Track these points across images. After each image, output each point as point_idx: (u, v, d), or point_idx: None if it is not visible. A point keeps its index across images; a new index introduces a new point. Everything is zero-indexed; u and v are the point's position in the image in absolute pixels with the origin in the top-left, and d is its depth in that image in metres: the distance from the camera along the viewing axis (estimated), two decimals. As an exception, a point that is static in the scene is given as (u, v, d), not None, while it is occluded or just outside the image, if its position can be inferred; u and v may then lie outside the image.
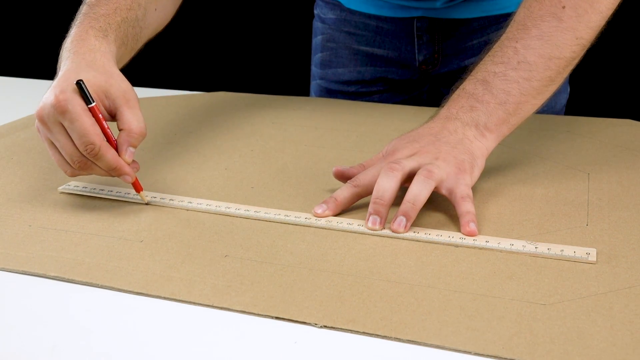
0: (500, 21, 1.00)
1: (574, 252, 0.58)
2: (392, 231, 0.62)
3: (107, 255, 0.59)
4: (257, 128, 0.93)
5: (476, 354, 0.46)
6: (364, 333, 0.48)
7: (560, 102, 1.07)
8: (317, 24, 1.14)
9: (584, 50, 0.71)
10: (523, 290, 0.53)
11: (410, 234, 0.62)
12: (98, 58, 0.68)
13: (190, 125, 0.94)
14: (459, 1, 1.00)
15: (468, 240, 0.61)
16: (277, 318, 0.50)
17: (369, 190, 0.65)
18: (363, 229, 0.63)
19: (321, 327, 0.49)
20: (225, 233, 0.63)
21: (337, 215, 0.66)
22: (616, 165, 0.77)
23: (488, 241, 0.61)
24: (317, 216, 0.65)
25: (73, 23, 0.73)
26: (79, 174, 0.66)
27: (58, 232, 0.63)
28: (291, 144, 0.87)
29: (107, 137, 0.64)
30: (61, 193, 0.72)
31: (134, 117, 0.66)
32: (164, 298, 0.53)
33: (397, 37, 1.05)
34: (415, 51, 1.05)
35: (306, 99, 1.10)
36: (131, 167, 0.66)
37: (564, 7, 0.69)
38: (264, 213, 0.66)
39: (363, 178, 0.67)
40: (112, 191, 0.72)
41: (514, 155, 0.81)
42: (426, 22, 1.02)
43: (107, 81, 0.66)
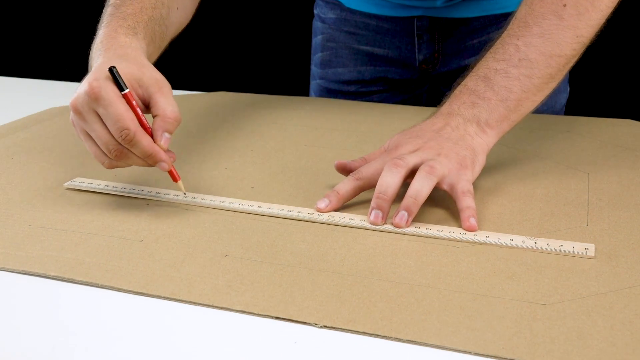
0: (500, 20, 1.00)
1: (573, 247, 0.59)
2: (394, 226, 0.63)
3: (107, 255, 0.59)
4: (257, 128, 0.93)
5: (476, 354, 0.46)
6: (364, 333, 0.48)
7: (560, 102, 1.07)
8: (317, 24, 1.14)
9: (583, 48, 0.72)
10: (523, 290, 0.53)
11: (411, 229, 0.62)
12: (129, 52, 0.68)
13: (190, 125, 0.94)
14: (459, 0, 1.00)
15: (468, 235, 0.61)
16: (277, 318, 0.50)
17: (371, 183, 0.66)
18: (365, 223, 0.63)
19: (321, 327, 0.49)
20: (225, 233, 0.63)
21: (339, 210, 0.67)
22: (616, 165, 0.77)
23: (488, 236, 0.61)
24: (320, 211, 0.66)
25: (99, 25, 0.73)
26: (116, 165, 0.65)
27: (58, 232, 0.63)
28: (291, 144, 0.87)
29: (142, 124, 0.63)
30: (67, 189, 0.72)
31: (168, 103, 0.65)
32: (164, 298, 0.53)
33: (397, 36, 1.05)
34: (416, 50, 1.05)
35: (306, 99, 1.10)
36: (167, 155, 0.65)
37: (565, 5, 0.70)
38: (267, 208, 0.67)
39: (365, 171, 0.67)
40: (117, 187, 0.72)
41: (514, 155, 0.81)
42: (426, 22, 1.02)
43: (140, 70, 0.65)
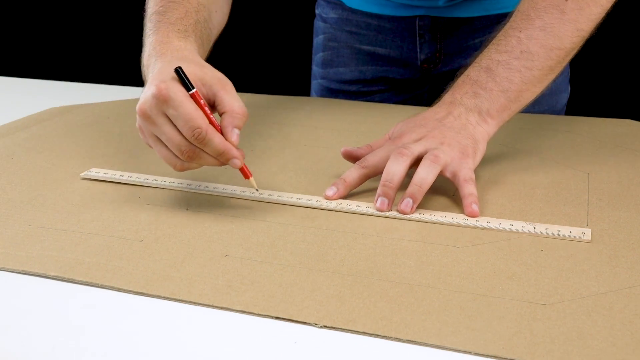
0: (501, 20, 1.00)
1: (570, 231, 0.61)
2: (399, 212, 0.66)
3: (107, 255, 0.59)
4: (257, 128, 0.93)
5: (476, 354, 0.46)
6: (364, 333, 0.48)
7: (561, 102, 1.07)
8: (318, 24, 1.14)
9: (583, 41, 0.74)
10: (523, 290, 0.53)
11: (416, 215, 0.65)
12: (186, 54, 0.68)
13: (191, 125, 0.94)
14: (461, 0, 1.00)
15: (470, 221, 0.64)
16: (277, 318, 0.50)
17: (377, 171, 0.69)
18: (371, 210, 0.66)
19: (321, 327, 0.49)
20: (225, 233, 0.63)
21: (346, 197, 0.69)
22: (616, 165, 0.77)
23: (489, 222, 0.64)
24: (328, 199, 0.69)
25: (145, 34, 0.73)
26: (188, 168, 0.65)
27: (58, 232, 0.63)
28: (291, 144, 0.87)
29: (211, 122, 0.63)
30: (83, 179, 0.74)
31: (234, 99, 0.65)
32: (164, 298, 0.53)
33: (399, 36, 1.05)
34: (417, 50, 1.05)
35: (307, 99, 1.10)
36: (239, 152, 0.65)
37: (566, 0, 0.71)
38: (277, 196, 0.70)
39: (371, 160, 0.70)
40: (132, 177, 0.74)
41: (514, 155, 0.81)
42: (428, 21, 1.03)
43: (201, 70, 0.65)
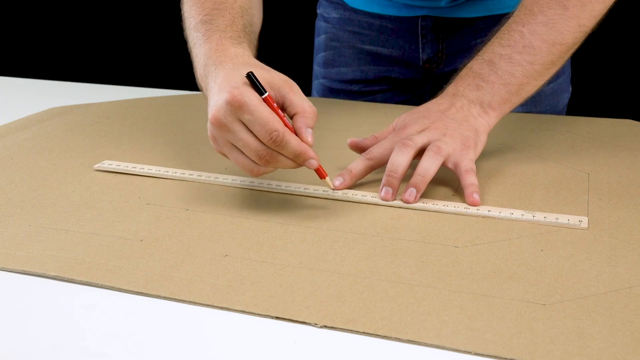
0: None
1: (568, 219, 0.64)
2: (403, 201, 0.68)
3: (107, 255, 0.59)
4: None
5: (476, 354, 0.46)
6: (364, 333, 0.48)
7: (563, 102, 1.07)
8: (320, 23, 1.14)
9: (585, 37, 0.75)
10: (523, 290, 0.53)
11: (419, 204, 0.67)
12: (246, 60, 0.68)
13: (190, 125, 0.94)
14: (464, 0, 1.00)
15: (472, 210, 0.66)
16: (277, 318, 0.50)
17: (382, 162, 0.72)
18: (376, 199, 0.69)
19: (321, 327, 0.49)
20: (225, 233, 0.63)
21: (352, 187, 0.72)
22: (616, 165, 0.77)
23: (490, 210, 0.66)
24: (335, 189, 0.70)
25: (194, 44, 0.73)
26: (264, 172, 0.65)
27: (58, 231, 0.63)
28: (291, 143, 0.87)
29: (285, 125, 0.63)
30: (96, 171, 0.77)
31: (303, 99, 0.66)
32: (164, 298, 0.53)
33: (401, 36, 1.05)
34: (420, 50, 1.05)
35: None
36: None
37: None
38: (285, 187, 0.72)
39: (376, 151, 0.72)
40: (144, 168, 0.76)
41: (514, 156, 0.81)
42: (430, 21, 1.03)
43: (268, 73, 0.66)
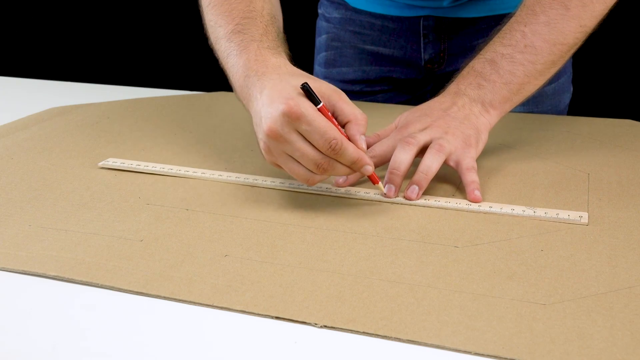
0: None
1: (568, 215, 0.64)
2: (406, 198, 0.69)
3: (107, 255, 0.59)
4: (257, 128, 0.92)
5: (476, 354, 0.46)
6: (364, 333, 0.48)
7: (564, 102, 1.08)
8: (321, 23, 1.14)
9: (586, 37, 0.76)
10: (523, 290, 0.53)
11: (421, 201, 0.68)
12: (290, 70, 0.68)
13: (190, 125, 0.94)
14: (466, 0, 1.00)
15: (473, 206, 0.67)
16: (277, 318, 0.50)
17: (384, 160, 0.72)
18: (379, 196, 0.69)
19: (321, 327, 0.49)
20: (225, 233, 0.63)
21: (355, 185, 0.72)
22: (616, 165, 0.77)
23: (491, 207, 0.67)
24: (339, 186, 0.71)
25: (228, 54, 0.72)
26: (319, 180, 0.65)
27: (58, 232, 0.63)
28: (291, 144, 0.87)
29: (341, 132, 0.64)
30: (101, 168, 0.78)
31: (353, 107, 0.66)
32: (164, 298, 0.53)
33: (403, 36, 1.05)
34: (421, 50, 1.05)
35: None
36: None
37: None
38: (289, 184, 0.72)
39: (379, 149, 0.73)
40: (148, 166, 0.77)
41: (515, 155, 0.81)
42: (432, 21, 1.03)
43: (316, 82, 0.66)
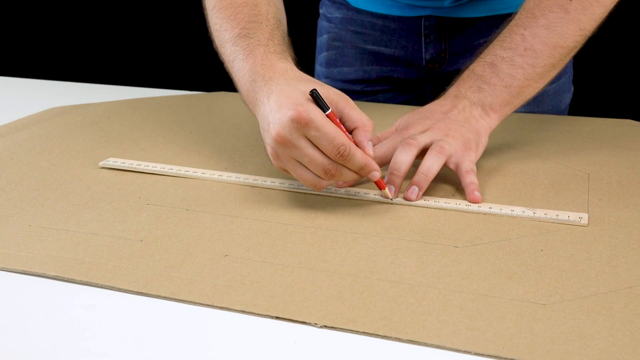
0: None
1: (568, 216, 0.64)
2: (405, 199, 0.69)
3: (107, 255, 0.59)
4: (257, 128, 0.92)
5: (476, 354, 0.46)
6: (364, 333, 0.48)
7: (565, 102, 1.08)
8: (322, 23, 1.14)
9: (585, 40, 0.76)
10: (523, 290, 0.53)
11: (421, 202, 0.68)
12: (297, 75, 0.68)
13: (190, 125, 0.94)
14: (467, 0, 1.00)
15: (473, 207, 0.67)
16: (277, 318, 0.50)
17: (385, 161, 0.72)
18: (378, 197, 0.69)
19: (321, 327, 0.49)
20: (225, 233, 0.63)
21: (356, 185, 0.72)
22: (616, 165, 0.77)
23: (491, 207, 0.67)
24: (339, 187, 0.71)
25: (234, 58, 0.72)
26: (326, 186, 0.66)
27: (58, 232, 0.63)
28: (291, 144, 0.87)
29: (349, 139, 0.64)
30: (101, 168, 0.78)
31: (360, 113, 0.67)
32: (164, 298, 0.53)
33: (404, 36, 1.05)
34: (422, 50, 1.05)
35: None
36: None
37: (570, 0, 0.73)
38: (288, 184, 0.72)
39: (379, 150, 0.73)
40: (148, 166, 0.77)
41: (514, 155, 0.81)
42: (434, 21, 1.03)
43: (324, 88, 0.66)
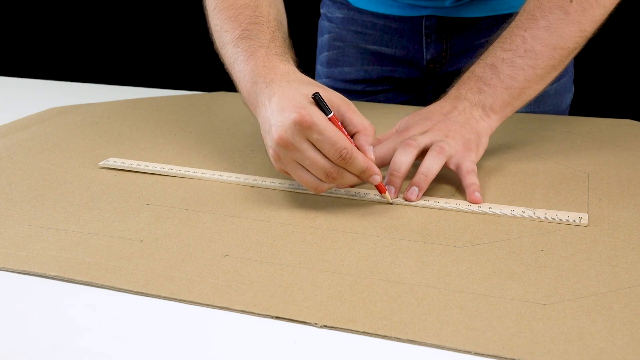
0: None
1: (568, 216, 0.64)
2: (405, 200, 0.69)
3: (107, 255, 0.59)
4: (257, 128, 0.92)
5: (476, 354, 0.46)
6: (364, 333, 0.48)
7: (566, 102, 1.08)
8: (323, 23, 1.14)
9: (585, 41, 0.76)
10: (523, 290, 0.53)
11: (421, 202, 0.68)
12: (299, 77, 0.68)
13: (190, 125, 0.94)
14: (468, 0, 1.00)
15: (473, 207, 0.67)
16: (277, 318, 0.50)
17: (385, 162, 0.72)
18: (379, 197, 0.69)
19: (321, 327, 0.49)
20: (225, 233, 0.63)
21: (356, 186, 0.72)
22: (616, 165, 0.77)
23: (491, 207, 0.67)
24: (339, 187, 0.71)
25: (235, 59, 0.72)
26: (327, 189, 0.66)
27: (58, 232, 0.63)
28: (291, 144, 0.87)
29: (350, 142, 0.65)
30: (101, 168, 0.78)
31: (362, 117, 0.68)
32: (164, 298, 0.53)
33: (405, 36, 1.05)
34: (423, 50, 1.05)
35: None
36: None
37: (571, 1, 0.74)
38: (288, 185, 0.73)
39: (379, 151, 0.73)
40: (148, 166, 0.78)
41: (514, 155, 0.81)
42: (435, 21, 1.03)
43: (326, 91, 0.66)
